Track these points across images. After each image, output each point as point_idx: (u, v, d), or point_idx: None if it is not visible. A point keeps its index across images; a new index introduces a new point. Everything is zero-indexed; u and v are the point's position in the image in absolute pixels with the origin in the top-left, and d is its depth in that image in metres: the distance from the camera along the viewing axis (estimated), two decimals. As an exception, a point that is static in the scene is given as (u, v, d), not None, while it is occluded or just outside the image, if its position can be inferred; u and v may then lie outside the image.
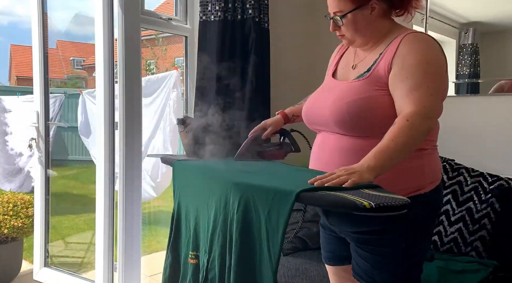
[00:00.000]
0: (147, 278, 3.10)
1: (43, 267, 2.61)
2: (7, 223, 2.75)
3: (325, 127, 1.30)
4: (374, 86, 1.21)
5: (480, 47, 2.30)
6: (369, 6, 1.24)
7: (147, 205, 4.97)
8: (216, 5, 2.25)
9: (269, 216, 1.05)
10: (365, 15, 1.24)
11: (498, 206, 1.94)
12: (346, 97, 1.22)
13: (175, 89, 3.22)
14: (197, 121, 1.62)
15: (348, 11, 1.24)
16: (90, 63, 8.50)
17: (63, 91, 4.48)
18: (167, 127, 3.26)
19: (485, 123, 2.27)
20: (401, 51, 1.19)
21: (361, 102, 1.19)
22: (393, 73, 1.19)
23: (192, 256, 1.34)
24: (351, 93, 1.22)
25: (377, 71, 1.22)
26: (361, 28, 1.26)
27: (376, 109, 1.19)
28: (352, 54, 1.39)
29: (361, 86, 1.23)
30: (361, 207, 0.86)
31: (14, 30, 30.14)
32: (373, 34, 1.28)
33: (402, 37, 1.21)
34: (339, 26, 1.28)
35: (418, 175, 1.22)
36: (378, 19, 1.27)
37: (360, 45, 1.32)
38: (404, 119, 1.10)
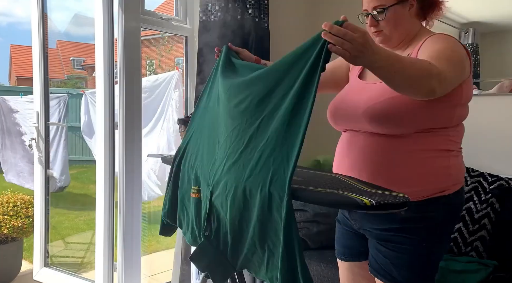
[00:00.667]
0: (147, 278, 3.11)
1: (43, 267, 2.61)
2: (7, 223, 2.75)
3: (355, 125, 1.30)
4: None
5: (480, 47, 2.30)
6: (408, 2, 1.28)
7: (147, 205, 4.97)
8: (216, 5, 2.25)
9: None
10: (404, 11, 1.28)
11: (498, 206, 1.94)
12: (380, 96, 1.22)
13: (177, 90, 3.23)
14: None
15: (391, 4, 1.26)
16: (90, 63, 8.50)
17: (65, 91, 4.49)
18: (171, 128, 3.27)
19: (485, 123, 2.27)
20: (425, 45, 1.23)
21: (394, 101, 1.20)
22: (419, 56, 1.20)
23: (194, 190, 1.34)
24: (384, 92, 1.21)
25: None
26: (400, 24, 1.28)
27: (407, 106, 1.19)
28: None
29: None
30: (361, 204, 0.87)
31: (13, 30, 30.17)
32: (407, 32, 1.31)
33: (427, 37, 1.26)
34: (378, 21, 1.29)
35: (444, 176, 1.23)
36: (413, 18, 1.30)
37: (395, 43, 1.33)
38: (429, 61, 1.11)
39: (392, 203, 0.88)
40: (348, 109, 1.32)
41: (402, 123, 1.21)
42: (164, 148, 3.28)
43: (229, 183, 1.14)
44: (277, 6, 2.60)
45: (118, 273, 2.15)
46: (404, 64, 1.05)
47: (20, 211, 2.83)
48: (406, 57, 1.11)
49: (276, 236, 1.02)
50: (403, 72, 1.05)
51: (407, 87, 1.09)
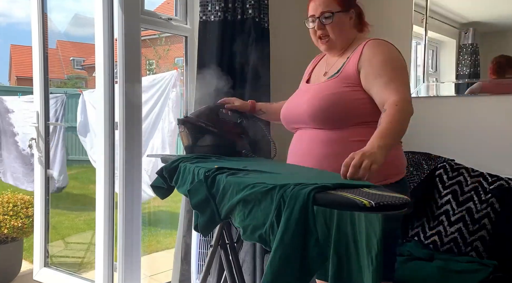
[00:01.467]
0: (147, 278, 3.11)
1: (43, 267, 2.62)
2: (7, 223, 2.75)
3: (302, 124, 1.46)
4: (342, 83, 1.39)
5: (480, 47, 2.30)
6: (350, 13, 1.47)
7: (147, 205, 4.97)
8: (216, 5, 2.25)
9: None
10: (347, 19, 1.46)
11: (498, 206, 1.94)
12: (319, 94, 1.40)
13: (174, 89, 3.22)
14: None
15: (337, 11, 1.44)
16: (90, 63, 8.49)
17: (63, 91, 4.48)
18: (166, 127, 3.26)
19: (485, 123, 2.27)
20: (366, 53, 1.38)
21: (332, 97, 1.37)
22: (365, 73, 1.36)
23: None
24: (323, 90, 1.40)
25: (346, 70, 1.41)
26: (343, 30, 1.46)
27: (346, 103, 1.36)
28: (323, 63, 1.57)
29: (332, 84, 1.41)
30: (361, 206, 0.87)
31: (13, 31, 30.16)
32: (348, 38, 1.48)
33: (365, 43, 1.41)
34: (324, 25, 1.46)
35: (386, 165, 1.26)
36: (352, 27, 1.49)
37: (337, 48, 1.49)
38: (393, 104, 1.24)
39: (392, 204, 0.87)
40: (293, 110, 1.50)
41: (341, 117, 1.35)
42: (159, 148, 3.27)
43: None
44: (277, 6, 2.59)
45: (118, 273, 2.15)
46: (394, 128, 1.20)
47: (20, 211, 2.83)
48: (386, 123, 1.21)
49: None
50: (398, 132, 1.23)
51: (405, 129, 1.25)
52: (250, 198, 1.11)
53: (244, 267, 2.20)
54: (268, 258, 2.17)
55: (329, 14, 1.44)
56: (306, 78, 1.62)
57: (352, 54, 1.43)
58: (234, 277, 1.61)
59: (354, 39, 1.49)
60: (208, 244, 2.15)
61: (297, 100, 1.52)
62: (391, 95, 1.27)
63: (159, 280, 3.09)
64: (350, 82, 1.38)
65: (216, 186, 1.26)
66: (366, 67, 1.37)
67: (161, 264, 3.45)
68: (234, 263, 1.64)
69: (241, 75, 2.36)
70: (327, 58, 1.57)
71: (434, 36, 2.44)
